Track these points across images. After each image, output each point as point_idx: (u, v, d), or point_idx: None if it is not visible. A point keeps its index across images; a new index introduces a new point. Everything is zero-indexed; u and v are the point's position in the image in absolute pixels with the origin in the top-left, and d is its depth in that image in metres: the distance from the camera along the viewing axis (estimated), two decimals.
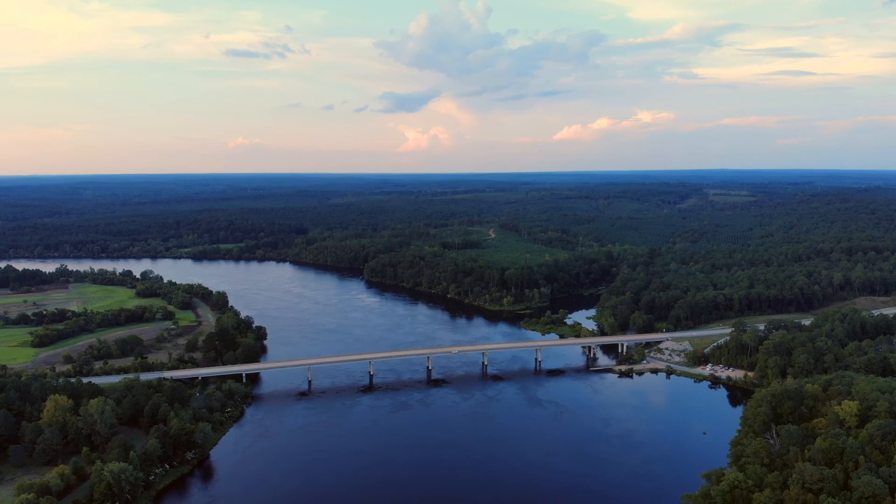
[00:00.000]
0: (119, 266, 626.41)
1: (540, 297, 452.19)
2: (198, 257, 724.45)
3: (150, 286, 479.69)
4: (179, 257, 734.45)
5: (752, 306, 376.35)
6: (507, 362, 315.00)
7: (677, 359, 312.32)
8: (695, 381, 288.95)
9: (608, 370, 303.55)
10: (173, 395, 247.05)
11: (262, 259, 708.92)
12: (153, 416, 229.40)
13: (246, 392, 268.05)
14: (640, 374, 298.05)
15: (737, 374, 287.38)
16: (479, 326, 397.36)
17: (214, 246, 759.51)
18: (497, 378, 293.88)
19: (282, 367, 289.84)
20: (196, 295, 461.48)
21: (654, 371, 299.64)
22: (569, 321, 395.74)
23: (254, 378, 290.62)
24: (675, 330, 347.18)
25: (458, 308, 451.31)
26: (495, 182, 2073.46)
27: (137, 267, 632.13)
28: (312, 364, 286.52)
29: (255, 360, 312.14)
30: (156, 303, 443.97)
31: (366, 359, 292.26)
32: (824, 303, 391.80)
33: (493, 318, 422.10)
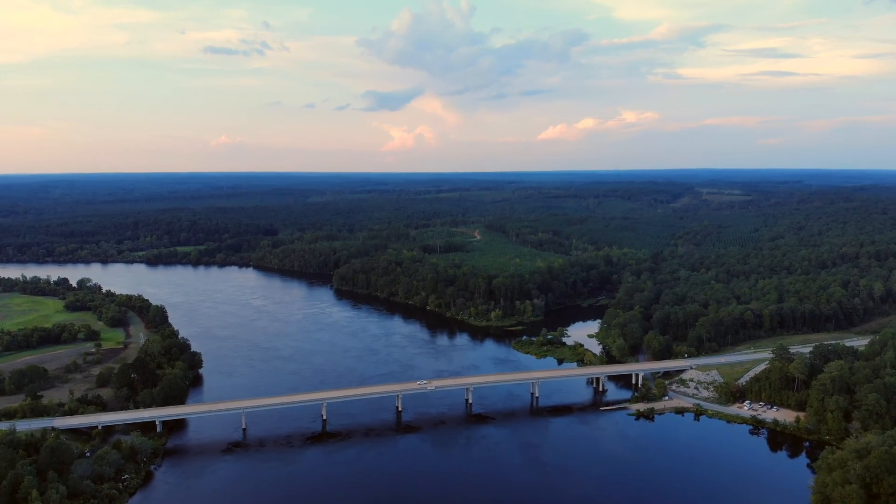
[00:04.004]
0: (67, 272, 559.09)
1: (533, 311, 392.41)
2: (152, 262, 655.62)
3: (81, 298, 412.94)
4: (132, 261, 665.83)
5: (785, 324, 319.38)
6: (498, 398, 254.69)
7: (705, 393, 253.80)
8: (727, 423, 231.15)
9: (621, 408, 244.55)
10: (51, 458, 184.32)
11: (222, 264, 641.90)
12: (13, 495, 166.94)
13: (155, 448, 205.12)
14: (661, 413, 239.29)
15: (784, 415, 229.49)
16: (464, 349, 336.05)
17: (171, 249, 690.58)
18: (484, 419, 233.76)
19: (206, 412, 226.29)
20: (133, 308, 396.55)
21: (680, 411, 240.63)
22: (567, 340, 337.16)
23: (175, 424, 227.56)
24: (698, 355, 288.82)
25: (439, 323, 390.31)
26: (480, 181, 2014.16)
27: (87, 273, 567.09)
28: (247, 408, 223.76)
29: (181, 398, 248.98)
30: (84, 318, 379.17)
31: (317, 400, 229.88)
32: (865, 318, 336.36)
33: (479, 335, 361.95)
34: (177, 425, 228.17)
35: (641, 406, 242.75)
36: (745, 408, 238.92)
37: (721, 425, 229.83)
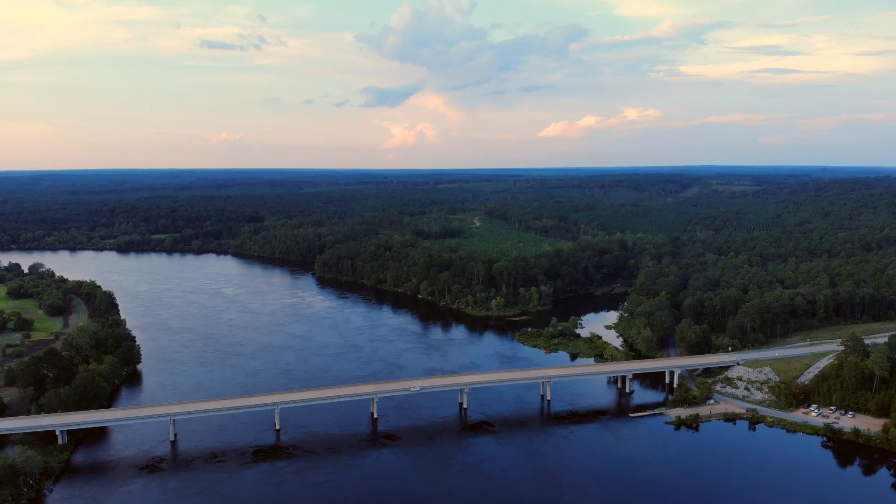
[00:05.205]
0: (32, 259, 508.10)
1: (539, 299, 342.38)
2: (123, 249, 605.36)
3: (25, 284, 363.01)
4: (103, 249, 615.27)
5: (841, 311, 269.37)
6: (501, 403, 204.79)
7: (759, 395, 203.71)
8: (790, 433, 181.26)
9: (656, 413, 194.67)
10: None
11: (199, 251, 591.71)
12: None
13: (48, 466, 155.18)
14: (706, 420, 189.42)
15: (866, 423, 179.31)
16: (461, 344, 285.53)
17: (146, 236, 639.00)
18: (483, 430, 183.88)
19: (125, 419, 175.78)
20: (80, 295, 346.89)
21: (730, 418, 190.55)
22: (582, 331, 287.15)
23: (88, 434, 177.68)
24: (743, 348, 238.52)
25: (432, 313, 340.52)
26: (480, 177, 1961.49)
27: (53, 260, 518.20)
28: (178, 415, 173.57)
29: (102, 400, 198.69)
30: (25, 306, 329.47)
31: (268, 405, 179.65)
32: None
33: (477, 326, 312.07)
34: (91, 435, 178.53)
35: (681, 412, 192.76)
36: (813, 413, 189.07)
37: (784, 436, 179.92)
